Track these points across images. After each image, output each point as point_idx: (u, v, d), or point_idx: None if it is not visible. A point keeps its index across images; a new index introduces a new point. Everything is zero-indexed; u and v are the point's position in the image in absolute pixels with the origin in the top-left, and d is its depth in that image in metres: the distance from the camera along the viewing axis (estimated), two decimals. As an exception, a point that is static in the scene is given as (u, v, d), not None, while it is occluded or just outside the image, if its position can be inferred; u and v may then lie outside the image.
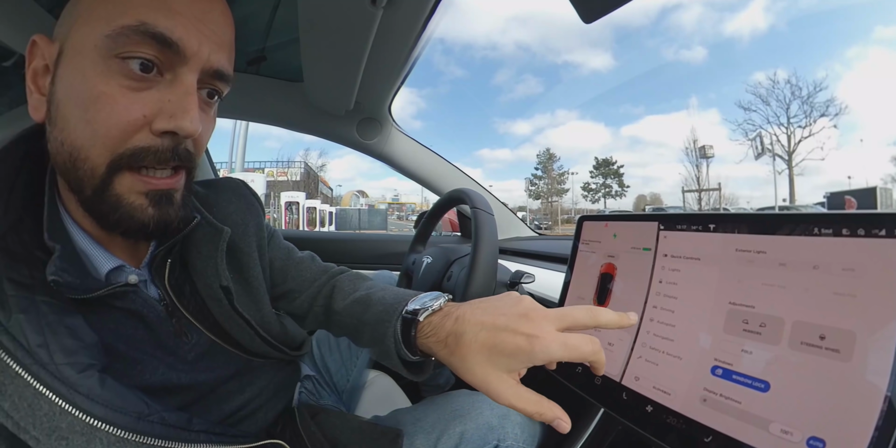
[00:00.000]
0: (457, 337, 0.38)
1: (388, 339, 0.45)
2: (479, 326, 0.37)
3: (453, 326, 0.39)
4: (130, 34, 0.34)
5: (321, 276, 0.62)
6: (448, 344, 0.39)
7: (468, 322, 0.38)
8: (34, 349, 0.32)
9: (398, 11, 0.66)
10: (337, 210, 23.21)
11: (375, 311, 0.49)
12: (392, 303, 0.48)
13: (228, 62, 0.42)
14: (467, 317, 0.39)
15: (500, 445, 0.54)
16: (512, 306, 0.39)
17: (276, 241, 0.62)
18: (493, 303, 0.40)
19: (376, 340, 0.47)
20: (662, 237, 0.49)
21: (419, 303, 0.45)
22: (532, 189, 39.82)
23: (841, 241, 0.35)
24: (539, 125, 69.53)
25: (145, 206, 0.38)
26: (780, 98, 24.11)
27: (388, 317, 0.46)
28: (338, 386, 0.81)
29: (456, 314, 0.40)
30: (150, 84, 0.36)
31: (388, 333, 0.45)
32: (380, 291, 0.53)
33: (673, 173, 36.09)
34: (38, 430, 0.30)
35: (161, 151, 0.37)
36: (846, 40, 50.21)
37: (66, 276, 0.35)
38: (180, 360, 0.44)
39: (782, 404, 0.35)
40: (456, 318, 0.40)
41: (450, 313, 0.41)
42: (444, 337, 0.39)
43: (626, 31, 70.85)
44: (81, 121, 0.36)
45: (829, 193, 16.18)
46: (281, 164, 28.58)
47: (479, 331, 0.37)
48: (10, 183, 0.38)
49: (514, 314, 0.37)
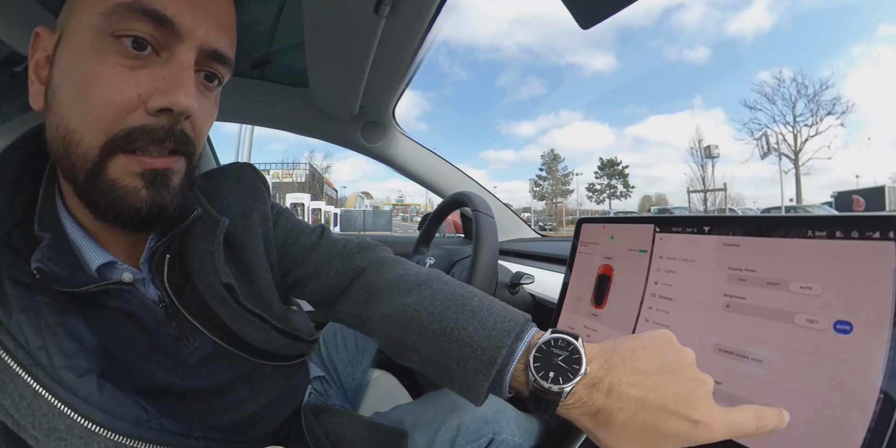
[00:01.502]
0: (609, 414, 0.30)
1: (481, 391, 0.36)
2: (638, 405, 0.30)
3: (605, 402, 0.30)
4: (124, 11, 0.34)
5: (332, 260, 0.53)
6: (598, 419, 0.31)
7: (625, 397, 0.30)
8: (34, 351, 0.32)
9: (401, 19, 0.67)
10: (342, 211, 23.27)
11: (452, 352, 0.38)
12: (484, 344, 0.36)
13: (228, 44, 0.40)
14: (623, 389, 0.30)
15: (495, 438, 0.55)
16: (676, 371, 0.31)
17: (282, 223, 0.55)
18: (650, 361, 0.31)
19: (460, 388, 0.38)
20: (658, 239, 0.50)
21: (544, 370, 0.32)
22: (536, 190, 39.69)
23: (835, 244, 0.35)
24: (543, 126, 69.46)
25: (139, 189, 0.36)
26: (786, 96, 23.91)
27: (485, 368, 0.36)
28: (344, 384, 0.81)
29: (607, 384, 0.31)
30: (146, 63, 0.35)
31: (482, 386, 0.36)
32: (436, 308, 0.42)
33: (678, 173, 35.84)
34: (37, 430, 0.31)
35: (155, 130, 0.36)
36: (850, 38, 49.79)
37: (52, 267, 0.34)
38: (180, 364, 0.42)
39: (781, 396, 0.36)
40: (608, 390, 0.31)
41: (598, 382, 0.31)
42: (594, 413, 0.31)
43: (629, 33, 70.70)
44: (75, 101, 0.35)
45: (837, 193, 16.02)
46: (286, 166, 28.70)
47: (638, 409, 0.30)
48: (16, 180, 0.38)
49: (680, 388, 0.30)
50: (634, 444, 0.30)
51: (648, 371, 0.31)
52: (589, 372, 0.31)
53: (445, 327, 0.39)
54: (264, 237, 0.52)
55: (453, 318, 0.39)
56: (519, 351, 0.35)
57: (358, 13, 0.64)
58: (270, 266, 0.52)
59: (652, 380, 0.30)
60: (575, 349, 0.32)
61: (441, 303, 0.42)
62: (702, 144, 26.33)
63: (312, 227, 0.58)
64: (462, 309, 0.40)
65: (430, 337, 0.40)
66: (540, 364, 0.33)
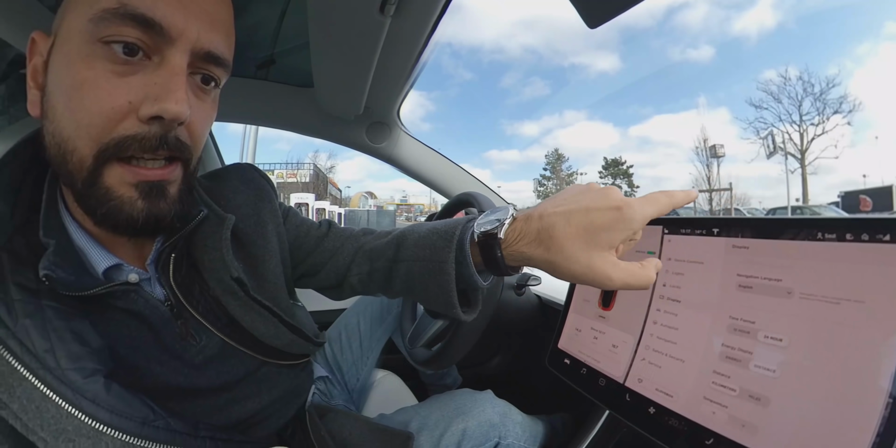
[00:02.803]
0: (549, 231, 0.36)
1: (449, 266, 0.43)
2: (567, 214, 0.36)
3: (540, 223, 0.37)
4: (111, 17, 0.33)
5: (345, 242, 0.58)
6: (542, 240, 0.37)
7: (554, 214, 0.37)
8: (41, 354, 0.32)
9: (406, 19, 0.67)
10: (346, 211, 23.31)
11: (427, 243, 0.46)
12: (446, 229, 0.45)
13: (224, 45, 0.39)
14: (550, 210, 0.37)
15: (501, 443, 0.55)
16: (585, 191, 0.38)
17: (291, 219, 0.59)
18: (565, 195, 0.39)
19: (434, 271, 0.44)
20: (667, 241, 0.50)
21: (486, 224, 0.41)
22: (541, 190, 39.59)
23: (846, 246, 0.35)
24: (547, 126, 69.22)
25: (135, 199, 0.36)
26: (792, 95, 23.70)
27: (447, 243, 0.44)
28: (348, 385, 0.81)
29: (538, 213, 0.38)
30: (136, 68, 0.34)
31: (448, 259, 0.43)
32: (419, 228, 0.50)
33: (683, 173, 35.64)
34: (46, 432, 0.31)
35: (147, 139, 0.35)
36: (856, 37, 49.34)
37: (59, 272, 0.34)
38: (186, 363, 0.43)
39: (780, 418, 0.35)
40: (539, 216, 0.38)
41: (529, 216, 0.39)
42: (536, 235, 0.37)
43: (633, 33, 70.28)
44: (67, 109, 0.34)
45: (844, 193, 15.86)
46: (290, 166, 28.77)
47: (568, 217, 0.36)
48: (17, 185, 0.38)
49: (594, 194, 0.37)
50: (584, 249, 0.35)
51: (566, 196, 0.39)
52: (519, 211, 0.41)
53: (421, 231, 0.48)
54: (276, 232, 0.54)
55: (427, 226, 0.49)
56: (471, 227, 0.43)
57: (363, 13, 0.63)
58: (282, 258, 0.54)
59: (571, 197, 0.38)
60: (504, 207, 0.42)
61: (419, 227, 0.50)
62: (707, 144, 26.17)
63: (319, 222, 0.62)
64: (434, 224, 0.49)
65: (410, 242, 0.49)
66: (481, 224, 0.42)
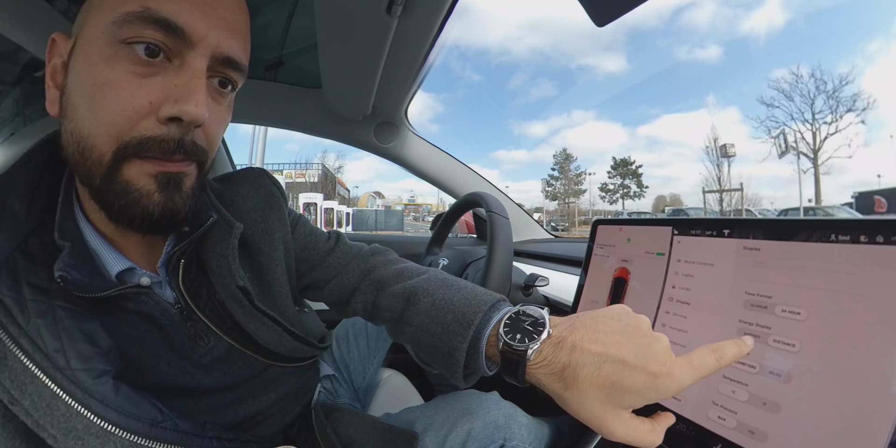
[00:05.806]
0: (575, 370, 0.33)
1: (460, 354, 0.41)
2: (601, 359, 0.32)
3: (570, 358, 0.33)
4: (134, 20, 0.34)
5: (350, 262, 0.58)
6: (565, 377, 0.33)
7: (588, 352, 0.33)
8: (52, 354, 0.33)
9: (413, 20, 0.67)
10: (354, 211, 23.46)
11: (440, 320, 0.44)
12: (464, 310, 0.43)
13: (242, 50, 0.40)
14: (585, 346, 0.33)
15: (506, 445, 0.55)
16: (632, 332, 0.34)
17: (300, 229, 0.59)
18: (608, 323, 0.35)
19: (442, 352, 0.43)
20: (676, 242, 0.49)
21: (513, 331, 0.37)
22: (549, 190, 39.51)
23: (860, 249, 0.34)
24: (555, 126, 69.09)
25: (152, 192, 0.37)
26: (805, 93, 23.33)
27: (462, 329, 0.41)
28: (355, 383, 0.82)
29: (570, 342, 0.34)
30: (157, 70, 0.36)
31: (460, 348, 0.41)
32: (433, 288, 0.49)
33: (693, 173, 35.28)
34: (55, 429, 0.31)
35: (166, 141, 0.36)
36: (867, 35, 48.42)
37: (73, 274, 0.35)
38: (195, 364, 0.43)
39: (790, 425, 0.35)
40: (571, 347, 0.34)
41: (562, 341, 0.34)
42: (560, 370, 0.33)
43: (639, 33, 69.86)
44: (88, 109, 0.35)
45: (858, 193, 15.58)
46: (299, 167, 29.00)
47: (601, 363, 0.32)
48: (33, 187, 0.39)
49: (639, 342, 0.33)
50: (602, 401, 0.32)
51: (608, 331, 0.34)
52: (553, 333, 0.35)
53: (435, 299, 0.47)
54: (284, 241, 0.54)
55: (442, 293, 0.47)
56: (494, 318, 0.41)
57: (370, 13, 0.64)
58: (287, 267, 0.54)
59: (611, 338, 0.33)
60: (541, 316, 0.37)
61: (434, 283, 0.50)
62: (717, 143, 25.87)
63: (328, 233, 0.63)
64: (451, 287, 0.48)
65: (422, 308, 0.47)
66: (509, 329, 0.38)
